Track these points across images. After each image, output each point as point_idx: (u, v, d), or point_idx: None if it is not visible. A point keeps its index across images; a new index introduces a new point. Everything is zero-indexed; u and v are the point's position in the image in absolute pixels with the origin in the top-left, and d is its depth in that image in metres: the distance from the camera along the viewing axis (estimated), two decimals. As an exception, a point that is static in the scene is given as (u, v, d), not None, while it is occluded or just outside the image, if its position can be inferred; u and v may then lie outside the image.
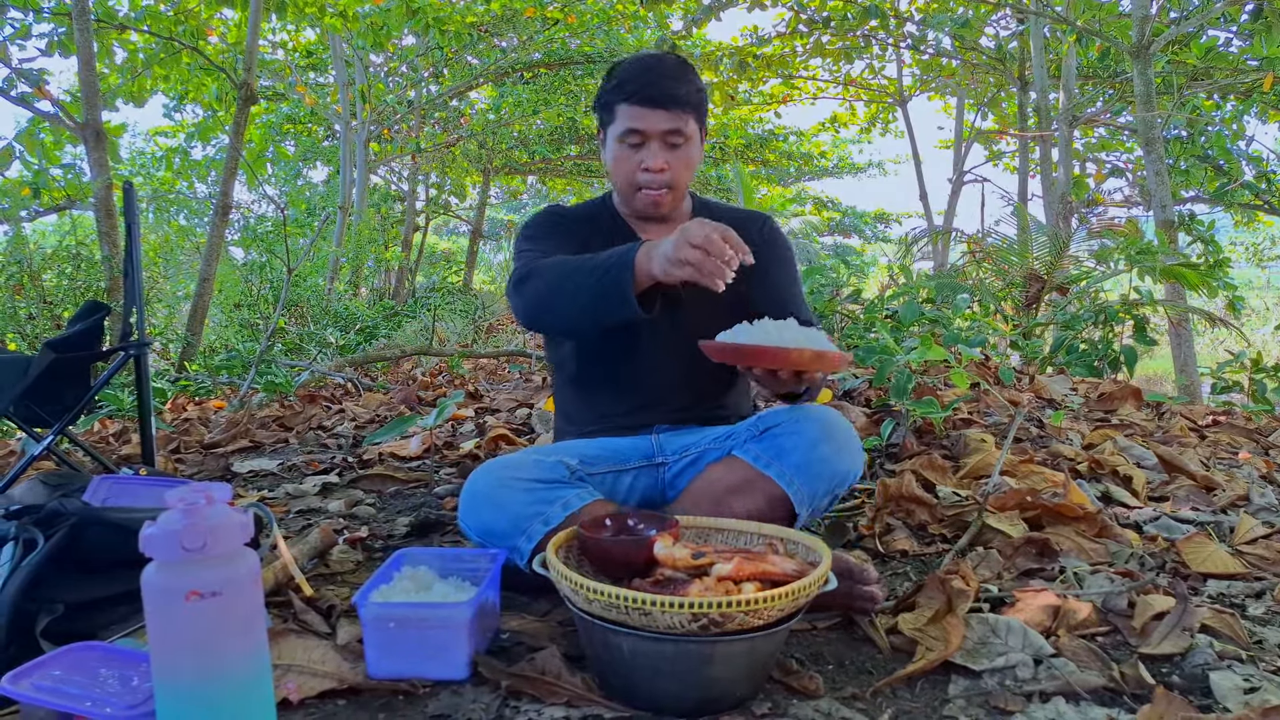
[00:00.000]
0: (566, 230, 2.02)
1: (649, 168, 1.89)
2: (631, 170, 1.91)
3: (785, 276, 2.09)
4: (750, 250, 1.57)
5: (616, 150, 1.92)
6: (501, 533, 1.69)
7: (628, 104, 1.87)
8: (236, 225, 13.34)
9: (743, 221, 2.05)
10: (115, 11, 7.90)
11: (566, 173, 17.22)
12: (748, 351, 1.58)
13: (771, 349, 1.56)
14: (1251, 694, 1.37)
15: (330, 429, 3.86)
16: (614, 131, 1.91)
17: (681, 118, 1.88)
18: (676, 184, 1.93)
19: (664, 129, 1.87)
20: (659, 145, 1.88)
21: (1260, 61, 8.84)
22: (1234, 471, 2.85)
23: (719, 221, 1.98)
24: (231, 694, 1.12)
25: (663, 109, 1.86)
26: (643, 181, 1.91)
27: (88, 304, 2.86)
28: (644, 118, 1.86)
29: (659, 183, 1.90)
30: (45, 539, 1.56)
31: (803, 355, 1.56)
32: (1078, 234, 6.57)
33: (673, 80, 1.87)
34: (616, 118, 1.90)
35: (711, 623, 1.26)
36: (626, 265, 1.63)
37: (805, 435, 1.78)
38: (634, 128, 1.87)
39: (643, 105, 1.86)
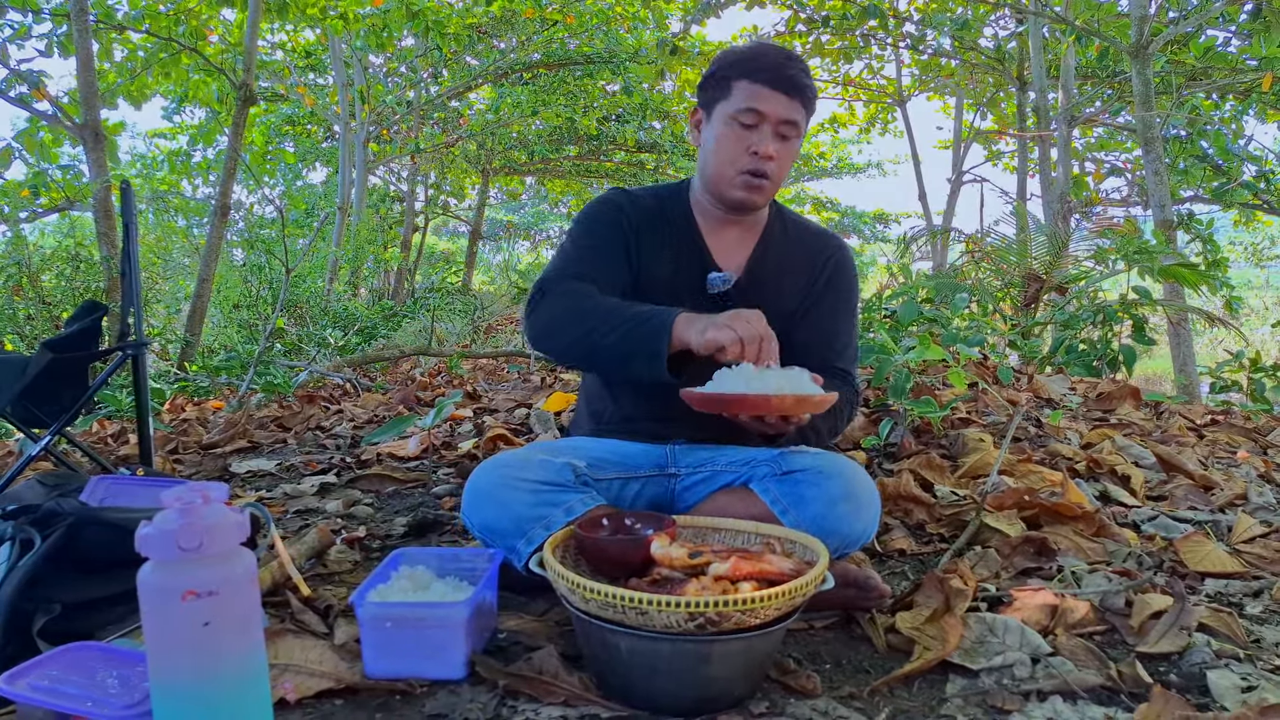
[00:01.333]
0: (620, 231, 1.93)
1: (759, 151, 1.79)
2: (739, 151, 1.81)
3: (836, 310, 2.00)
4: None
5: (724, 129, 1.82)
6: (503, 532, 1.68)
7: (751, 82, 1.78)
8: (236, 226, 13.34)
9: (816, 240, 2.01)
10: (114, 12, 7.89)
11: (565, 173, 17.21)
12: (729, 400, 1.53)
13: (753, 397, 1.51)
14: (1249, 692, 1.37)
15: (328, 429, 3.85)
16: (727, 108, 1.81)
17: (800, 110, 1.81)
18: (776, 177, 1.85)
19: (783, 116, 1.79)
20: (773, 131, 1.80)
21: (1259, 61, 8.83)
22: (1232, 471, 2.85)
23: (796, 233, 2.01)
24: (228, 694, 1.11)
25: (786, 95, 1.78)
26: (749, 166, 1.81)
27: (85, 304, 2.85)
28: (768, 99, 1.78)
29: (764, 170, 1.81)
30: (42, 539, 1.56)
31: (784, 402, 1.52)
32: (1077, 234, 6.57)
33: (800, 70, 1.81)
34: (733, 94, 1.80)
35: (708, 622, 1.26)
36: (665, 328, 1.61)
37: (827, 490, 1.73)
38: (755, 107, 1.78)
39: (769, 86, 1.77)
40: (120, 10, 8.28)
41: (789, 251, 1.98)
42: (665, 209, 1.97)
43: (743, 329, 1.54)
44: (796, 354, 1.89)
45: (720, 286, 1.90)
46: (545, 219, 26.05)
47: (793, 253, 1.99)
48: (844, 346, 1.99)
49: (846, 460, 1.83)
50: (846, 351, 2.00)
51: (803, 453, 1.84)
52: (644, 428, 1.97)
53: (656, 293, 1.88)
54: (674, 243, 1.94)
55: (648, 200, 1.99)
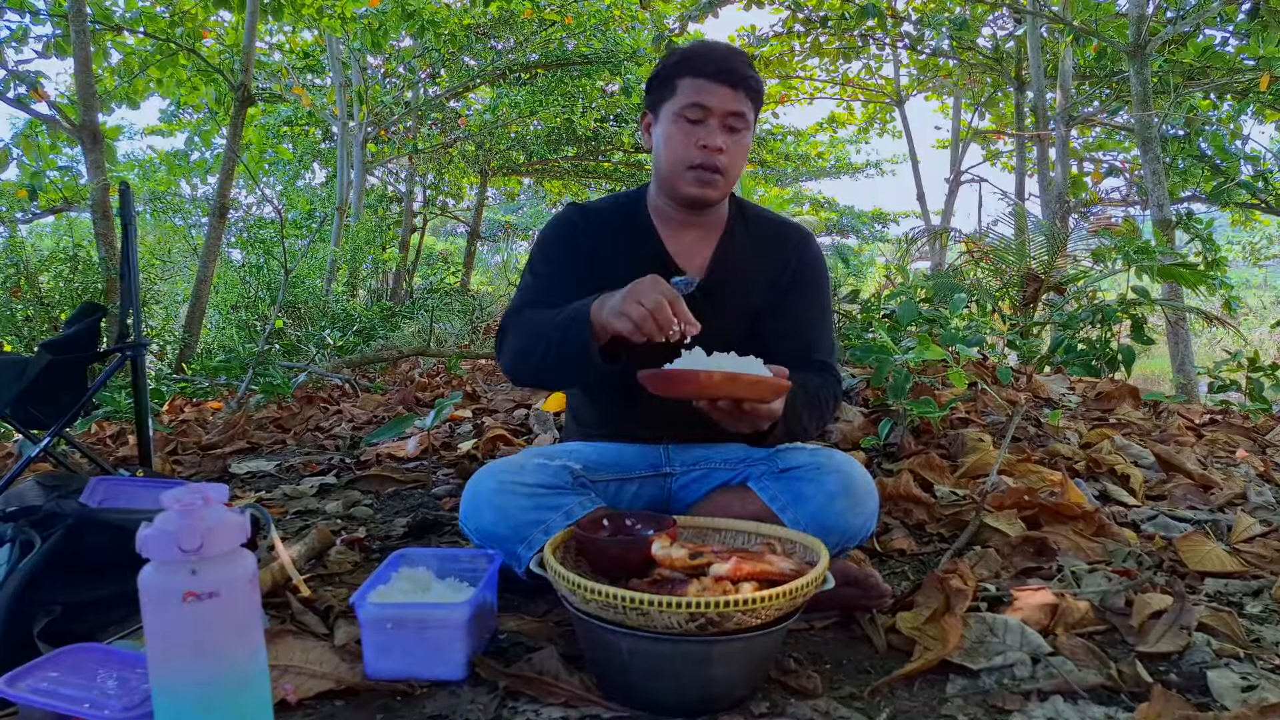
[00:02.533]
0: (574, 251, 1.91)
1: (707, 144, 1.78)
2: (687, 147, 1.79)
3: (807, 302, 1.97)
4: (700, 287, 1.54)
5: (672, 127, 1.81)
6: (502, 538, 1.68)
7: (694, 77, 1.78)
8: (234, 227, 13.33)
9: (778, 233, 1.99)
10: (111, 13, 7.89)
11: (563, 174, 17.19)
12: (666, 377, 1.47)
13: (686, 372, 1.46)
14: (1249, 692, 1.37)
15: (328, 430, 3.85)
16: (672, 107, 1.80)
17: (745, 101, 1.80)
18: (729, 172, 1.82)
19: (729, 109, 1.78)
20: (719, 125, 1.78)
21: (1256, 61, 8.84)
22: (1231, 470, 2.85)
23: (759, 228, 1.97)
24: (229, 695, 1.11)
25: (730, 87, 1.77)
26: (699, 159, 1.79)
27: (84, 305, 2.85)
28: (711, 93, 1.77)
29: (715, 164, 1.79)
30: (42, 540, 1.56)
31: (711, 378, 1.44)
32: (1075, 233, 6.57)
33: (742, 62, 1.80)
34: (678, 92, 1.80)
35: (709, 622, 1.26)
36: (583, 321, 1.60)
37: (825, 486, 1.74)
38: (698, 102, 1.77)
39: (711, 80, 1.77)
40: (117, 11, 8.28)
41: (752, 247, 1.95)
42: (623, 217, 1.96)
43: (635, 311, 1.50)
44: (771, 351, 1.87)
45: (684, 290, 1.85)
46: (544, 219, 26.02)
47: (756, 248, 1.96)
48: (819, 337, 1.96)
49: (843, 456, 1.83)
50: (822, 342, 1.97)
51: (799, 449, 1.84)
52: (627, 430, 1.97)
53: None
54: (634, 250, 1.91)
55: (605, 212, 1.97)
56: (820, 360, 1.92)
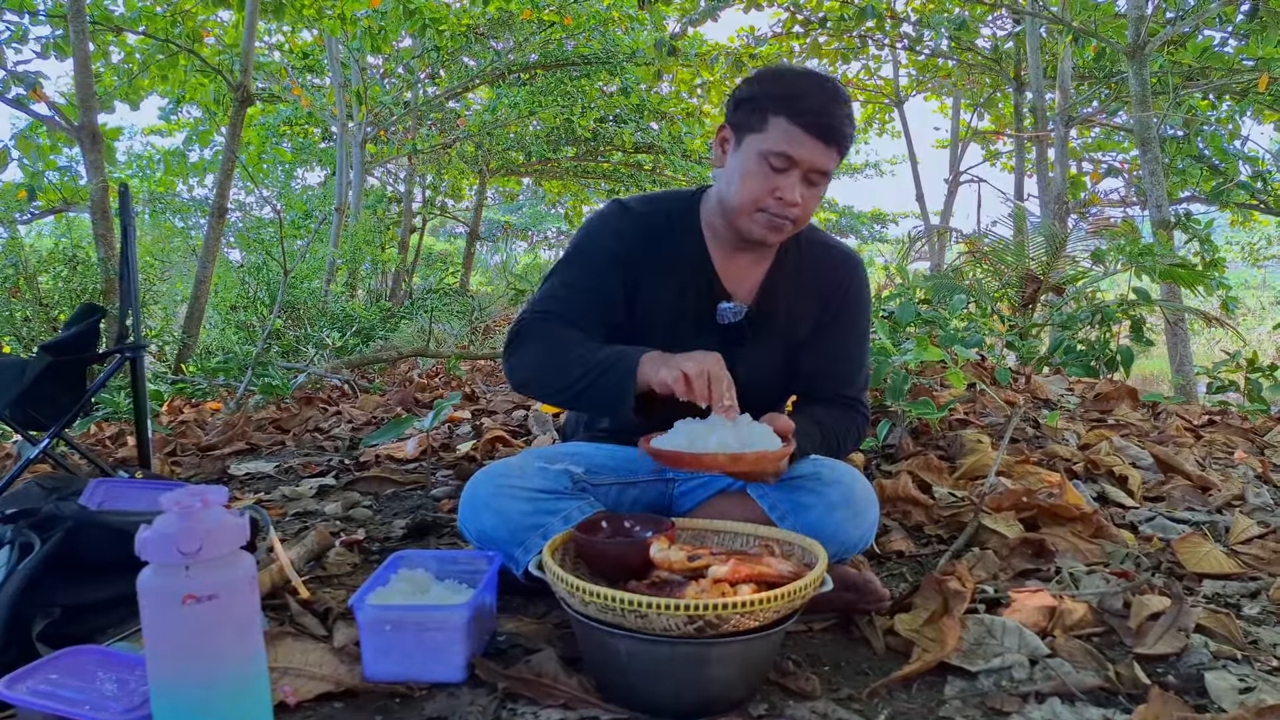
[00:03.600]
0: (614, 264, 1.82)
1: (784, 197, 1.68)
2: (763, 193, 1.69)
3: (847, 335, 1.93)
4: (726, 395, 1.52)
5: (753, 165, 1.69)
6: (500, 541, 1.68)
7: (790, 122, 1.65)
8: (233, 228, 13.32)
9: (830, 260, 1.93)
10: (111, 13, 7.89)
11: (563, 174, 17.19)
12: (669, 457, 1.49)
13: (689, 455, 1.47)
14: (1247, 694, 1.38)
15: (327, 431, 3.85)
16: (758, 143, 1.68)
17: (836, 157, 1.70)
18: (801, 222, 1.75)
19: (816, 164, 1.67)
20: (802, 177, 1.68)
21: (1255, 61, 8.85)
22: (1230, 471, 2.86)
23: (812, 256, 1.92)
24: (228, 697, 1.12)
25: (824, 143, 1.66)
26: (770, 208, 1.70)
27: (83, 306, 2.86)
28: (805, 145, 1.65)
29: (787, 215, 1.70)
30: (42, 542, 1.56)
31: (715, 460, 1.46)
32: (1074, 234, 6.57)
33: (846, 117, 1.68)
34: (769, 129, 1.67)
35: (707, 624, 1.26)
36: (629, 370, 1.59)
37: (826, 497, 1.73)
38: (788, 152, 1.65)
39: (808, 132, 1.65)
40: (116, 11, 8.28)
41: (803, 275, 1.90)
42: (674, 227, 1.86)
43: (691, 367, 1.52)
44: (805, 380, 1.90)
45: (732, 318, 1.84)
46: (543, 220, 26.03)
47: (807, 276, 1.90)
48: (854, 373, 1.93)
49: (845, 466, 1.82)
50: (857, 378, 1.93)
51: (801, 459, 1.82)
52: (633, 438, 1.96)
53: (660, 321, 1.84)
54: (681, 267, 1.85)
55: (654, 217, 1.87)
56: (850, 397, 1.90)
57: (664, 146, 14.56)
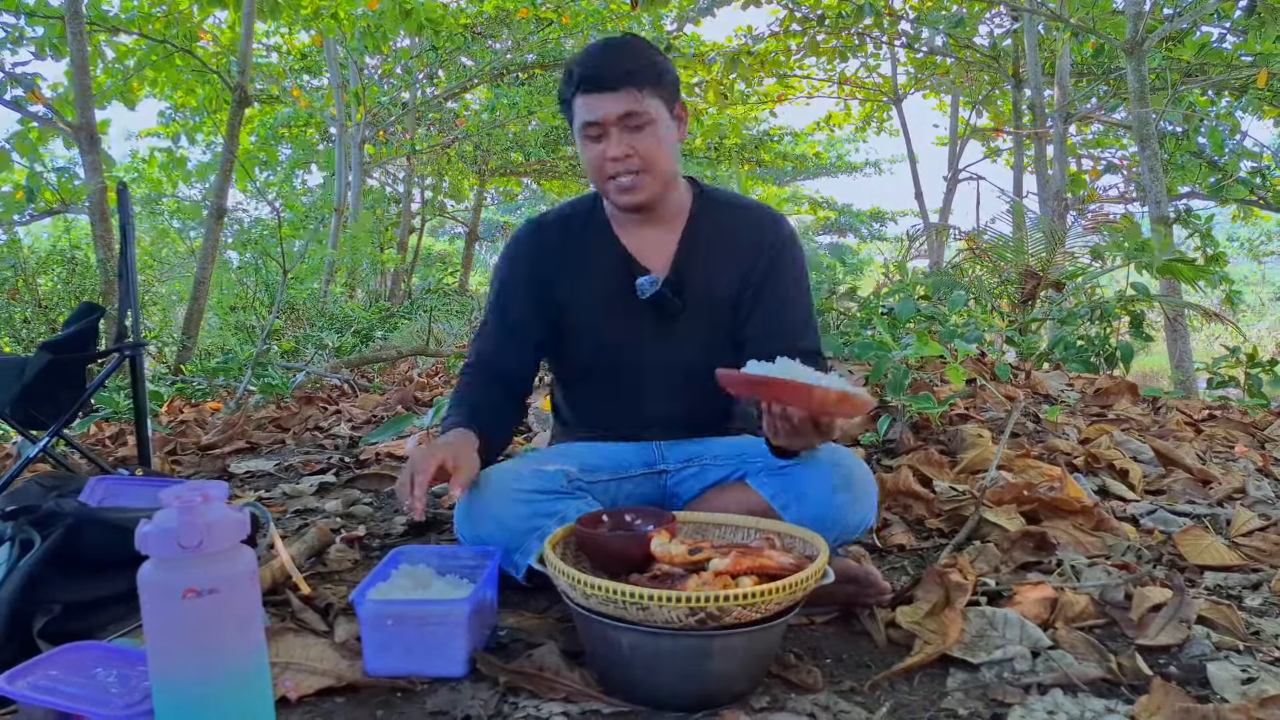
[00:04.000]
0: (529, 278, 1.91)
1: (610, 156, 1.75)
2: (598, 163, 1.78)
3: (785, 288, 1.91)
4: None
5: (581, 146, 1.80)
6: (499, 546, 1.69)
7: (580, 95, 1.75)
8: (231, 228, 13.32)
9: (747, 218, 1.93)
10: (107, 14, 7.88)
11: (562, 174, 17.20)
12: (769, 384, 1.42)
13: (793, 383, 1.40)
14: (1249, 684, 1.38)
15: (327, 430, 3.85)
16: (575, 127, 1.79)
17: (635, 97, 1.72)
18: (650, 168, 1.77)
19: (618, 113, 1.72)
20: (619, 131, 1.73)
21: (1254, 57, 8.85)
22: (1230, 465, 2.86)
23: (726, 216, 1.92)
24: (229, 692, 1.12)
25: (611, 91, 1.71)
26: (609, 172, 1.77)
27: (82, 305, 2.85)
28: (595, 106, 1.73)
29: (627, 169, 1.75)
30: (42, 539, 1.56)
31: (827, 395, 1.39)
32: (1073, 230, 6.56)
33: (615, 59, 1.74)
34: (575, 112, 1.77)
35: (709, 617, 1.26)
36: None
37: (827, 481, 1.72)
38: (588, 119, 1.74)
39: (591, 93, 1.73)
40: (112, 12, 8.27)
41: (719, 236, 1.90)
42: (582, 224, 1.93)
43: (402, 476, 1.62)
44: (756, 345, 1.84)
45: (650, 289, 1.85)
46: (541, 220, 25.98)
47: (724, 236, 1.90)
48: (804, 326, 1.91)
49: (842, 449, 1.82)
50: (808, 330, 1.91)
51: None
52: (621, 432, 1.96)
53: (590, 312, 1.89)
54: (596, 256, 1.89)
55: (562, 224, 1.95)
56: (808, 349, 1.86)
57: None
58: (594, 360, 1.94)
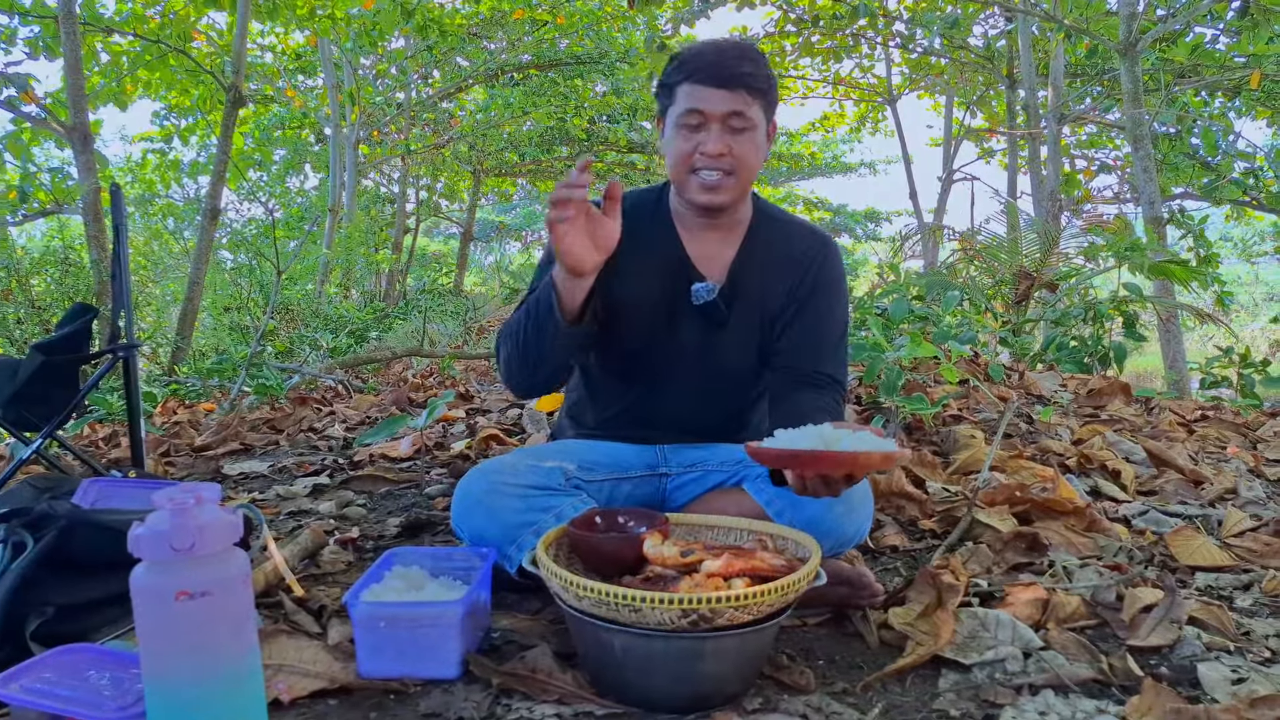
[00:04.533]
0: None
1: (706, 151, 1.74)
2: (688, 153, 1.76)
3: (822, 313, 1.91)
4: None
5: (673, 134, 1.78)
6: (493, 539, 1.68)
7: (689, 83, 1.74)
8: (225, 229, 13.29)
9: (801, 238, 1.94)
10: (101, 15, 7.87)
11: (557, 174, 17.18)
12: (810, 458, 1.39)
13: (837, 455, 1.38)
14: (1239, 685, 1.38)
15: (321, 431, 3.85)
16: (673, 114, 1.77)
17: (745, 100, 1.73)
18: (739, 171, 1.77)
19: (725, 110, 1.72)
20: (720, 128, 1.73)
21: (1247, 58, 8.87)
22: (1222, 465, 2.87)
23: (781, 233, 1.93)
24: (222, 694, 1.11)
25: (725, 89, 1.71)
26: (698, 165, 1.76)
27: (75, 306, 2.85)
28: (705, 98, 1.72)
29: (718, 167, 1.75)
30: (35, 541, 1.55)
31: (871, 459, 1.37)
32: (1067, 231, 6.58)
33: (737, 60, 1.73)
34: (676, 98, 1.76)
35: (701, 618, 1.26)
36: (549, 287, 1.66)
37: None
38: (693, 108, 1.73)
39: (704, 84, 1.72)
40: (106, 13, 8.26)
41: (773, 252, 1.92)
42: (644, 216, 1.91)
43: (551, 213, 1.57)
44: (784, 358, 1.88)
45: (706, 297, 1.85)
46: (536, 219, 26.03)
47: (776, 253, 1.92)
48: (832, 351, 1.92)
49: None
50: (835, 356, 1.92)
51: None
52: (625, 432, 1.96)
53: (638, 309, 1.86)
54: (653, 251, 1.88)
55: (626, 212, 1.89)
56: (827, 375, 1.87)
57: (656, 146, 14.57)
58: (629, 354, 1.91)
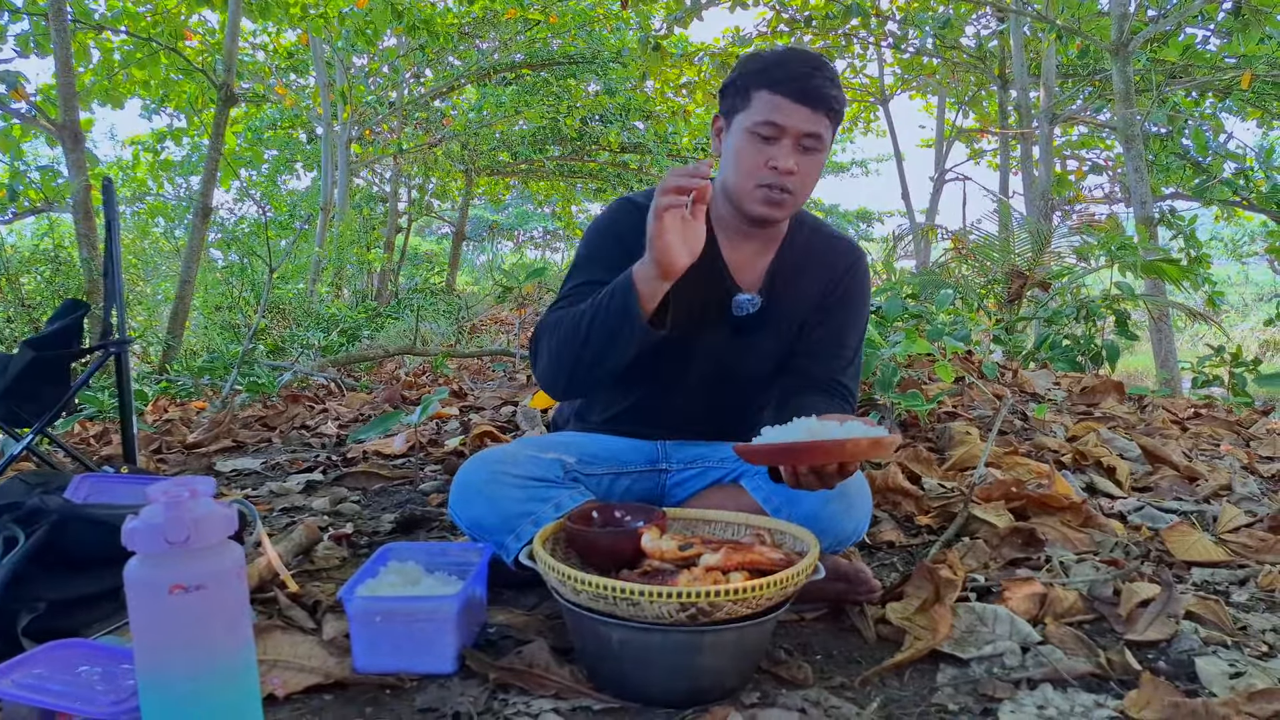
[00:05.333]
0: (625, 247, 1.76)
1: (778, 166, 1.67)
2: (757, 165, 1.69)
3: (846, 324, 1.90)
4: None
5: (743, 140, 1.70)
6: (491, 528, 1.67)
7: (771, 92, 1.66)
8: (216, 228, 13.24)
9: (833, 248, 1.92)
10: (92, 12, 7.83)
11: (549, 174, 17.18)
12: (800, 450, 1.39)
13: (825, 444, 1.37)
14: (1237, 679, 1.38)
15: (314, 428, 3.83)
16: (745, 119, 1.70)
17: (824, 121, 1.68)
18: (800, 192, 1.73)
19: (805, 129, 1.66)
20: (793, 145, 1.68)
21: (1238, 59, 8.91)
22: (1216, 462, 2.87)
23: (815, 241, 1.91)
24: (217, 688, 1.10)
25: (808, 107, 1.66)
26: (766, 180, 1.69)
27: (66, 302, 2.83)
28: (789, 112, 1.65)
29: (784, 185, 1.69)
30: (26, 536, 1.54)
31: (859, 445, 1.37)
32: (1059, 230, 6.59)
33: (825, 79, 1.68)
34: (753, 104, 1.68)
35: (700, 612, 1.25)
36: (626, 286, 1.56)
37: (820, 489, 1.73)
38: (773, 120, 1.66)
39: (789, 98, 1.65)
40: (97, 12, 8.22)
41: (807, 260, 1.89)
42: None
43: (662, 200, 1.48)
44: (800, 363, 1.88)
45: (750, 309, 1.84)
46: (528, 219, 26.03)
47: (810, 261, 1.90)
48: (849, 362, 1.91)
49: None
50: (851, 367, 1.91)
51: None
52: (630, 428, 1.95)
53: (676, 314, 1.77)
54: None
55: None
56: (844, 385, 1.87)
57: (650, 146, 14.56)
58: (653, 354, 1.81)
